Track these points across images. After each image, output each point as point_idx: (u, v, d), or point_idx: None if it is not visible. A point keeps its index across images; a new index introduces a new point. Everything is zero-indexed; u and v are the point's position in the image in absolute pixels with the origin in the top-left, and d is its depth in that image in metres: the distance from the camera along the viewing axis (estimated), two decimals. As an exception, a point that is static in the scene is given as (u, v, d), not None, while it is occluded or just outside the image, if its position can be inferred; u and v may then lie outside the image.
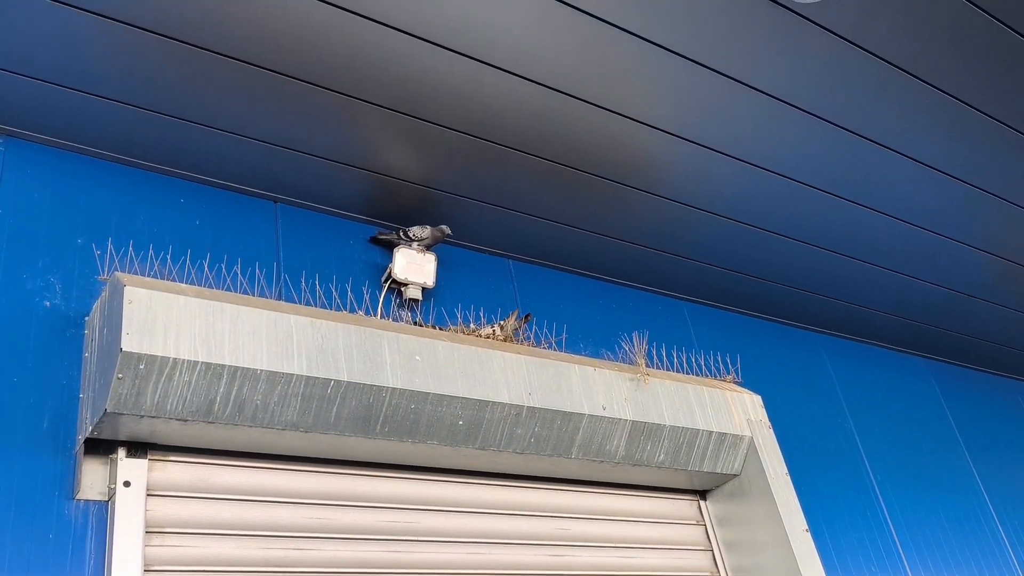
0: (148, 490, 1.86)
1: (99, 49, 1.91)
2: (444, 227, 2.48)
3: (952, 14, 2.06)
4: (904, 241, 2.97)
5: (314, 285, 2.30)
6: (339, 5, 1.88)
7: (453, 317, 2.52)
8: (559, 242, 2.78)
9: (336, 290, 2.33)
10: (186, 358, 1.76)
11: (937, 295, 3.36)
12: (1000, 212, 2.86)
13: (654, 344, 2.85)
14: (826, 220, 2.81)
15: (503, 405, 2.15)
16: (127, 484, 1.83)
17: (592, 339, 2.80)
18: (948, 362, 3.99)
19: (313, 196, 2.43)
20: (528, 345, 2.47)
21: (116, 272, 1.95)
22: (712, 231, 2.80)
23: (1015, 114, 2.42)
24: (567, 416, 2.25)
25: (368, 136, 2.26)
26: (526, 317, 2.52)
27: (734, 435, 2.55)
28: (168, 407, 1.77)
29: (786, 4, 1.98)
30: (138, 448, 1.88)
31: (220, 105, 2.10)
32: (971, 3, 2.03)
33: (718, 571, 2.61)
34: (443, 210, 2.55)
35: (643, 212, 2.68)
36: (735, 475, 2.61)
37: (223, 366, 1.79)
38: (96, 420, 1.76)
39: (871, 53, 2.15)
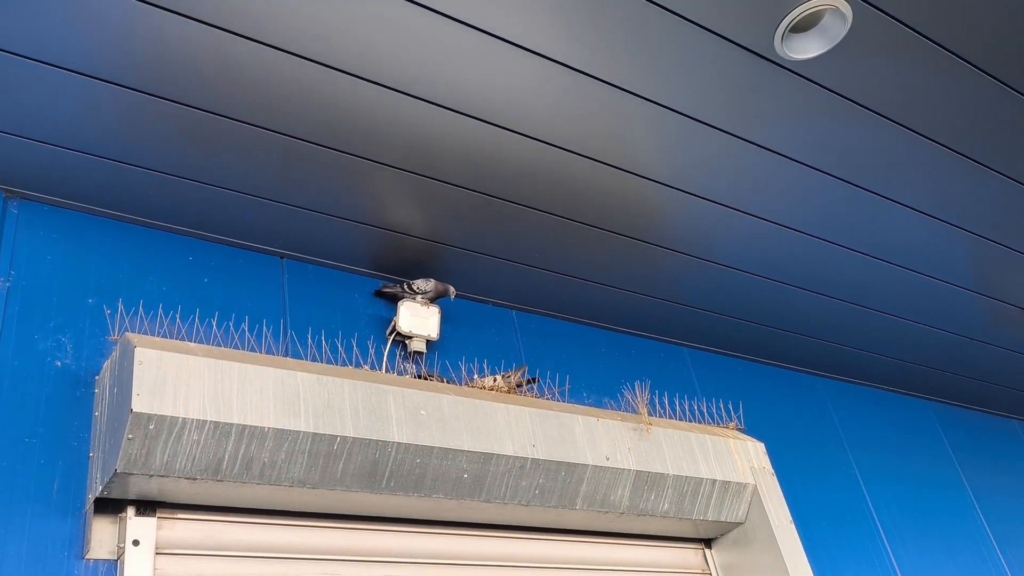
0: (157, 548, 1.87)
1: (108, 112, 1.96)
2: (452, 289, 2.51)
3: (947, 68, 2.10)
4: (904, 287, 3.00)
5: (320, 340, 2.33)
6: (347, 71, 1.93)
7: (457, 368, 2.54)
8: (562, 292, 2.80)
9: (342, 344, 2.36)
10: (195, 417, 1.78)
11: (938, 338, 3.38)
12: (999, 258, 2.89)
13: (656, 391, 2.86)
14: (827, 267, 2.84)
15: (507, 458, 2.16)
16: (136, 543, 1.84)
17: (595, 388, 2.82)
18: (950, 403, 4.00)
19: (319, 251, 2.47)
20: (531, 396, 2.49)
21: (127, 332, 1.98)
22: (714, 279, 2.83)
23: (1012, 165, 2.46)
24: (571, 467, 2.26)
25: (374, 193, 2.30)
26: (532, 380, 2.54)
27: (738, 483, 2.55)
28: (177, 466, 1.79)
29: (780, 63, 2.03)
30: (147, 506, 1.90)
31: (228, 165, 2.14)
32: (965, 61, 2.08)
33: (724, 620, 2.61)
34: (447, 263, 2.59)
35: (645, 262, 2.71)
36: (739, 523, 2.61)
37: (231, 424, 1.82)
38: (106, 480, 1.78)
39: (867, 108, 2.19)
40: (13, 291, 2.02)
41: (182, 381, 1.80)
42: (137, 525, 1.86)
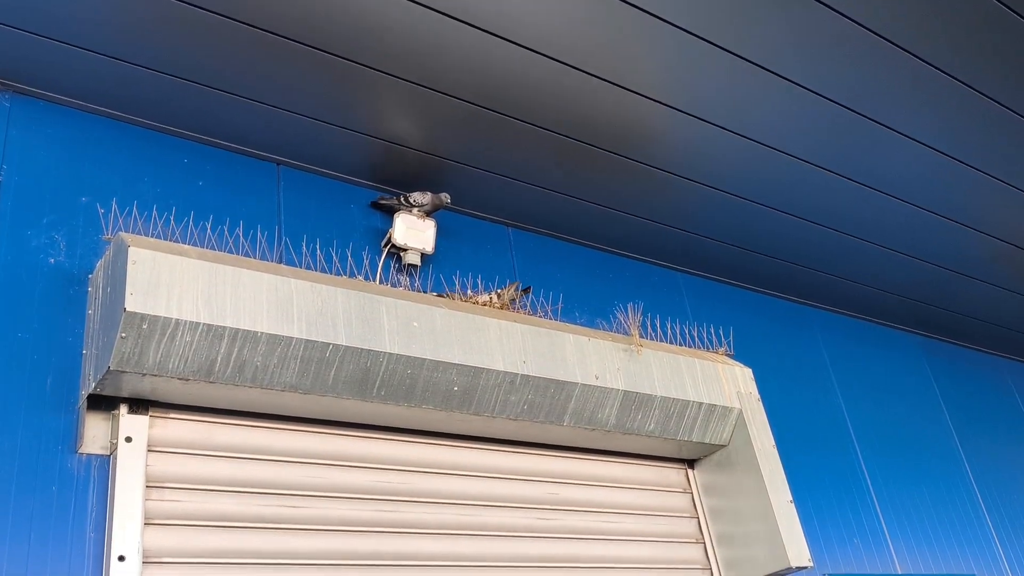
0: (149, 446, 1.90)
1: (108, 7, 1.92)
2: (444, 195, 2.49)
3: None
4: (899, 218, 2.99)
5: (315, 248, 2.32)
6: (346, -28, 1.89)
7: (451, 283, 2.54)
8: (559, 212, 2.80)
9: (336, 254, 2.35)
10: (188, 319, 1.79)
11: (930, 273, 3.39)
12: (996, 193, 2.88)
13: (648, 315, 2.88)
14: (823, 196, 2.83)
15: (498, 372, 2.18)
16: (128, 440, 1.87)
17: (587, 308, 2.83)
18: (939, 339, 4.03)
19: (316, 159, 2.45)
20: (524, 313, 2.50)
21: (120, 232, 1.97)
22: (710, 204, 2.82)
23: (1015, 97, 2.44)
24: (560, 384, 2.28)
25: (373, 102, 2.27)
26: (525, 290, 2.55)
27: (723, 407, 2.58)
28: (170, 366, 1.81)
29: (791, -17, 1.99)
30: (140, 405, 1.92)
31: (226, 67, 2.11)
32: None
33: (703, 538, 2.66)
34: (445, 177, 2.57)
35: (643, 184, 2.69)
36: (723, 446, 2.64)
37: (224, 328, 1.82)
38: (99, 377, 1.80)
39: (872, 32, 2.16)
40: (5, 186, 2.00)
41: (176, 282, 1.80)
42: (130, 422, 1.88)
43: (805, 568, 2.40)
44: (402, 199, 2.49)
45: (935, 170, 2.73)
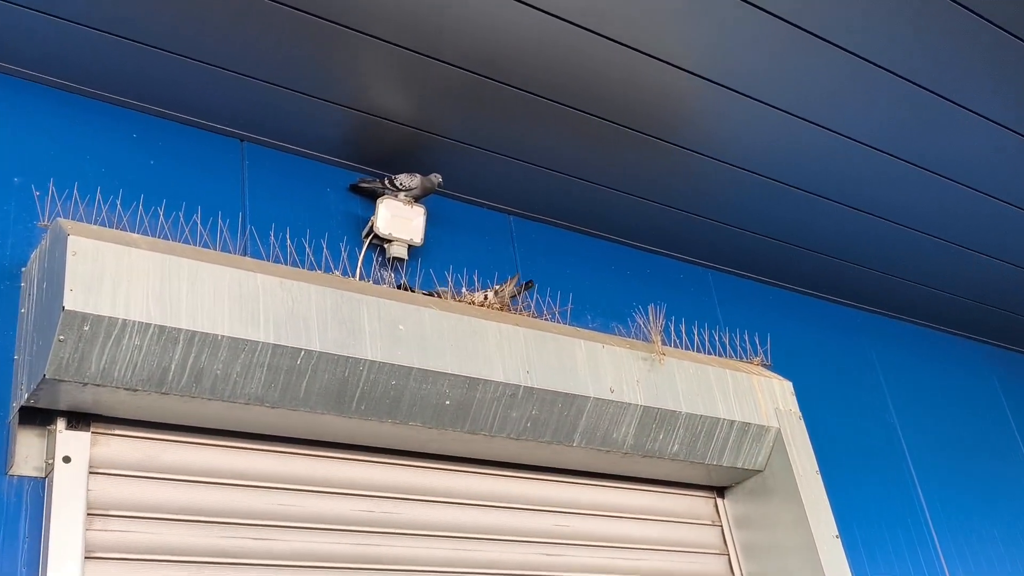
0: (91, 467, 1.89)
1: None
2: (435, 176, 2.49)
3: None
4: (969, 210, 2.99)
5: (284, 238, 2.33)
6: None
7: (443, 280, 2.54)
8: (567, 197, 2.80)
9: (310, 245, 2.35)
10: (137, 320, 1.78)
11: (998, 271, 3.39)
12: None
13: (672, 318, 2.88)
14: (881, 183, 2.83)
15: (497, 384, 2.18)
16: (67, 460, 1.86)
17: (601, 310, 2.83)
18: (1008, 348, 4.03)
19: (286, 135, 2.44)
20: (528, 316, 2.50)
21: (59, 218, 1.97)
22: (748, 191, 2.82)
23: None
24: (570, 398, 2.28)
25: (355, 68, 2.27)
26: (527, 284, 2.55)
27: (759, 426, 2.59)
28: (115, 374, 1.80)
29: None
30: (80, 419, 1.91)
31: (183, 27, 2.10)
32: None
33: (734, 578, 2.67)
34: (436, 156, 2.56)
35: (669, 167, 2.69)
36: (758, 471, 2.65)
37: (179, 330, 1.82)
38: (33, 387, 1.79)
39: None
40: (-74, 164, 2.00)
41: (123, 277, 1.80)
42: (68, 440, 1.88)
43: (853, 614, 2.40)
44: (386, 182, 2.49)
45: (1008, 153, 2.72)
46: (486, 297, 2.44)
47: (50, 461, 1.86)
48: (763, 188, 2.81)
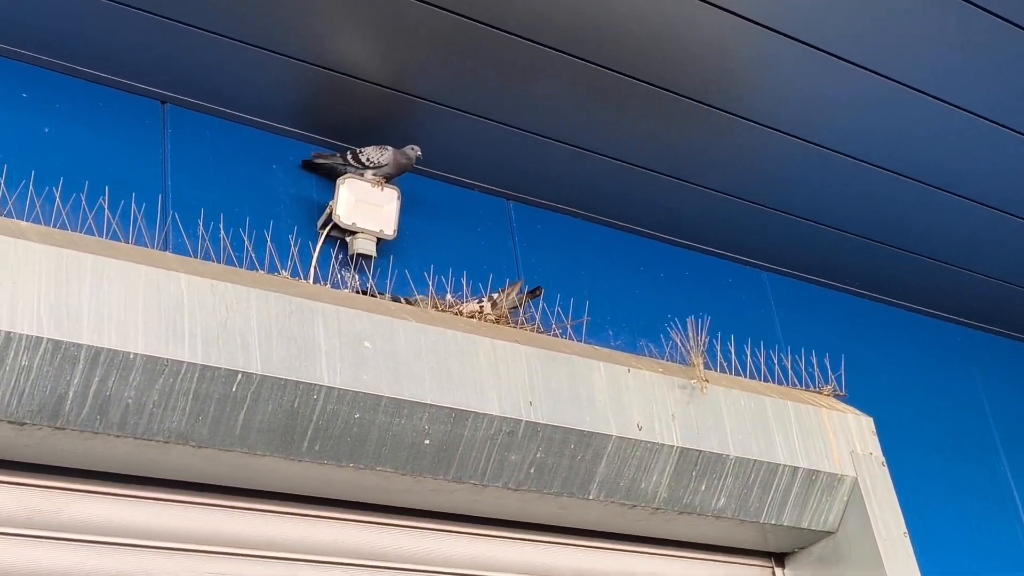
0: (-36, 524, 1.89)
1: None
2: (412, 149, 2.49)
3: None
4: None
5: (217, 229, 2.32)
6: None
7: (422, 284, 2.54)
8: (583, 177, 2.79)
9: (250, 238, 2.35)
10: (25, 332, 1.77)
11: None
12: None
13: (718, 334, 2.87)
14: (1001, 167, 2.83)
15: (491, 418, 2.18)
16: (-67, 514, 1.86)
17: (627, 323, 2.83)
18: None
19: (221, 96, 2.44)
20: (531, 330, 2.50)
21: (-76, 200, 1.97)
22: (816, 171, 2.82)
23: None
24: (585, 438, 2.28)
25: (309, 12, 2.26)
26: (533, 292, 2.54)
27: (831, 474, 2.59)
28: (-3, 404, 1.80)
29: None
30: (-50, 462, 1.91)
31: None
32: None
33: (797, 671, 2.67)
34: (413, 123, 2.56)
35: (711, 138, 2.69)
36: (829, 533, 2.65)
37: (79, 346, 1.81)
38: None
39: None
40: None
41: (7, 277, 1.79)
42: (-65, 488, 1.88)
43: None
44: (349, 157, 2.48)
45: None
46: (480, 307, 2.44)
47: (-90, 515, 1.86)
48: (838, 168, 2.81)
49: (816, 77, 2.52)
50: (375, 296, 2.39)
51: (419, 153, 2.50)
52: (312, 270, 2.40)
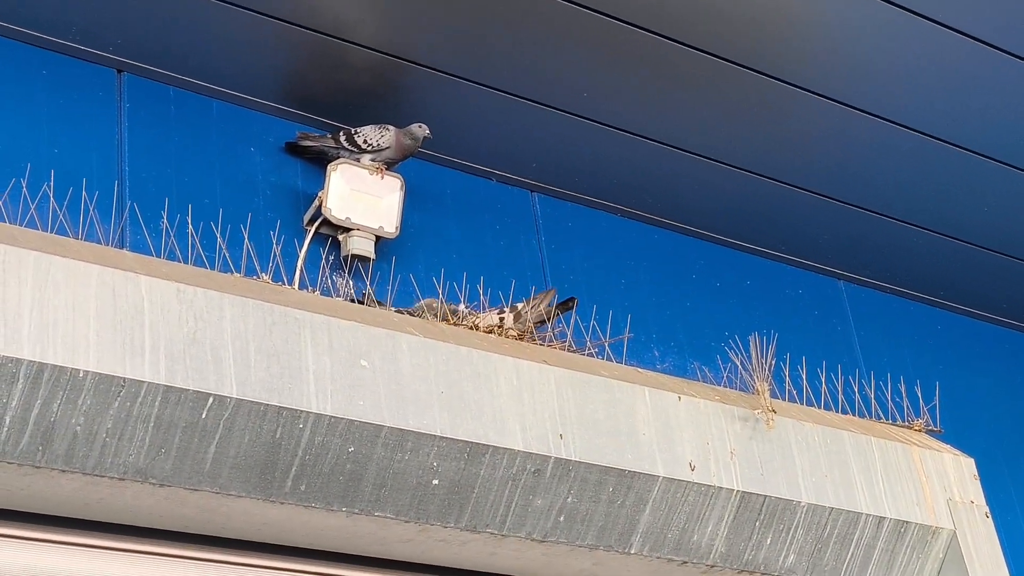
0: None
1: None
2: (420, 127, 2.49)
3: None
4: None
5: (184, 223, 2.32)
6: None
7: (429, 290, 2.54)
8: (621, 164, 2.81)
9: (223, 235, 2.35)
10: (-46, 345, 1.79)
11: None
12: None
13: (787, 355, 2.88)
14: None
15: (513, 454, 2.18)
16: None
17: (676, 341, 2.84)
18: None
19: (188, 64, 2.46)
20: (561, 348, 2.50)
21: None
22: (907, 161, 2.83)
23: None
24: (626, 479, 2.28)
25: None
26: (565, 303, 2.54)
27: (923, 526, 2.58)
28: (-82, 430, 1.81)
29: None
30: None
31: None
32: None
33: None
34: (418, 98, 2.58)
35: (779, 118, 2.71)
36: (921, 597, 2.65)
37: (19, 362, 1.81)
38: None
39: None
40: None
41: (-67, 278, 1.81)
42: None
43: None
44: (343, 138, 2.49)
45: None
46: (501, 320, 2.43)
47: None
48: (935, 158, 2.83)
49: (910, 44, 2.52)
50: (373, 304, 2.38)
51: (427, 133, 2.50)
52: (298, 274, 2.41)
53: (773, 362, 2.65)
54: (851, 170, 2.87)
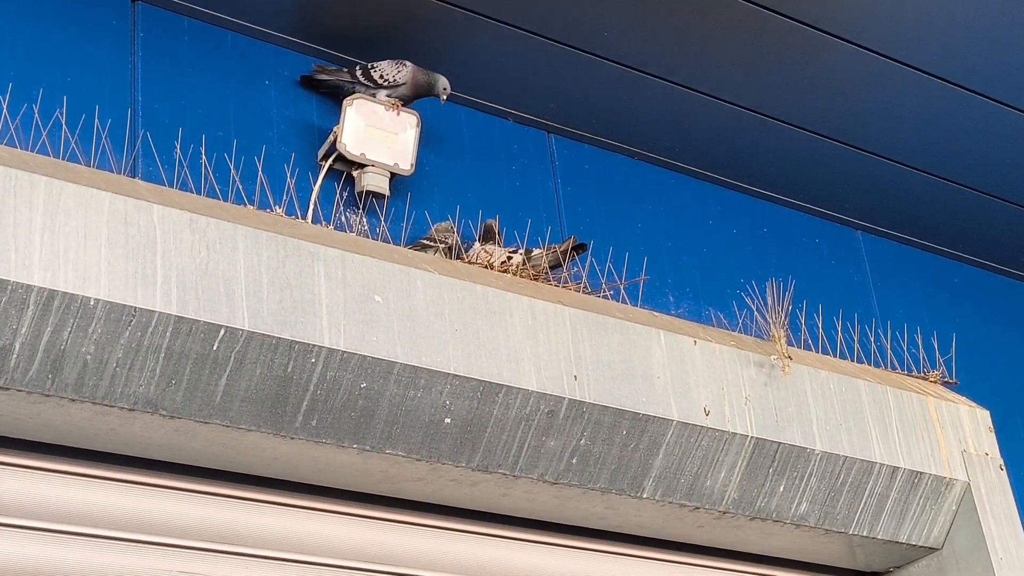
0: None
1: None
2: (438, 78, 2.49)
3: None
4: None
5: (197, 153, 2.31)
6: None
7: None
8: (640, 105, 2.80)
9: (236, 167, 2.34)
10: (-37, 270, 1.78)
11: None
12: None
13: (804, 302, 2.87)
14: None
15: (527, 394, 2.18)
16: None
17: (693, 286, 2.83)
18: None
19: (202, -7, 2.46)
20: (576, 289, 2.50)
21: None
22: (931, 108, 2.82)
23: None
24: (640, 422, 2.28)
25: None
26: (578, 247, 2.53)
27: (937, 477, 2.58)
28: (-75, 356, 1.80)
29: None
30: None
31: None
32: None
33: None
34: (437, 35, 2.58)
35: (801, 62, 2.69)
36: (933, 550, 2.65)
37: (28, 288, 1.81)
38: None
39: None
40: None
41: (-58, 202, 1.80)
42: None
43: None
44: (359, 73, 2.48)
45: None
46: (511, 259, 2.42)
47: None
48: (960, 106, 2.81)
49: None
50: (388, 241, 2.39)
51: (447, 85, 2.50)
52: (312, 208, 2.40)
53: (789, 309, 2.65)
54: (872, 118, 2.86)
